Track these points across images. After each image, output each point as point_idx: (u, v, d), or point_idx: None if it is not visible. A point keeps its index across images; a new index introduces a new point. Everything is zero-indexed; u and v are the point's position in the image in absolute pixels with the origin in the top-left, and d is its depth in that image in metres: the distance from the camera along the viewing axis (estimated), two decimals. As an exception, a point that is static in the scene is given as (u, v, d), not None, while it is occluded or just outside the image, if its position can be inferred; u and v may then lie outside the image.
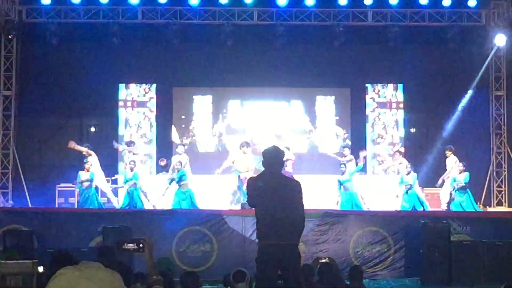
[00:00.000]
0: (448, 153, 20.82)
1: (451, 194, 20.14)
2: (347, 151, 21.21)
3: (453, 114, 23.73)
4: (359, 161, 20.07)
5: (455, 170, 20.21)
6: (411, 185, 19.78)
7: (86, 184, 19.61)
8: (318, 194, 19.18)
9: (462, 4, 22.82)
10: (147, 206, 19.74)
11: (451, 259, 16.42)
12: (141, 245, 5.50)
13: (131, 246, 5.49)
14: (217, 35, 22.34)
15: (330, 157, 22.23)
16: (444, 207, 20.48)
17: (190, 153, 21.52)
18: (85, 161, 19.97)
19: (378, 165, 23.56)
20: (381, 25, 22.79)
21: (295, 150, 21.70)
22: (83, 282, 2.81)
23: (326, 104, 23.96)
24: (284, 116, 23.76)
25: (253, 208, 8.07)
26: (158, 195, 20.08)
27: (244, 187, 19.20)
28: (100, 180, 20.44)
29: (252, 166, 19.59)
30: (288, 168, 19.47)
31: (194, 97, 23.85)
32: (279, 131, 23.25)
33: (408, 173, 19.97)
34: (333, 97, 24.00)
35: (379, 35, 22.88)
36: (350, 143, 23.09)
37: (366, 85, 23.99)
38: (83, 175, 19.69)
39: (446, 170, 20.71)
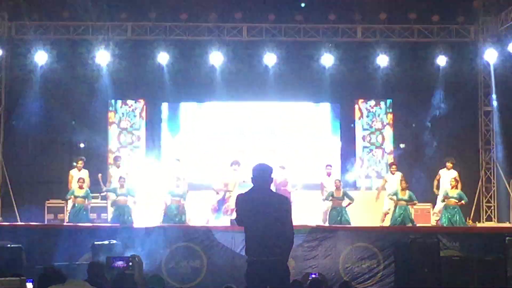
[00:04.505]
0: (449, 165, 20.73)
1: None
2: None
3: (442, 130, 23.80)
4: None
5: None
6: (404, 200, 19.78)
7: (80, 200, 19.51)
8: (304, 209, 19.32)
9: (451, 20, 22.96)
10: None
11: (440, 275, 16.38)
12: (130, 263, 5.52)
13: (120, 263, 5.50)
14: (206, 51, 22.44)
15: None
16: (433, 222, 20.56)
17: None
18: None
19: (368, 180, 23.57)
20: (370, 41, 22.89)
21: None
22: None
23: (316, 120, 23.99)
24: (274, 132, 23.77)
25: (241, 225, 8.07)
26: (149, 211, 20.00)
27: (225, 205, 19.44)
28: None
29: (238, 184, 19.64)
30: (288, 187, 19.91)
31: (187, 111, 23.90)
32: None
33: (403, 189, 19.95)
34: (322, 112, 24.06)
35: (368, 51, 22.96)
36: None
37: (355, 101, 24.02)
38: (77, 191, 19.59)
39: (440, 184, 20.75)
